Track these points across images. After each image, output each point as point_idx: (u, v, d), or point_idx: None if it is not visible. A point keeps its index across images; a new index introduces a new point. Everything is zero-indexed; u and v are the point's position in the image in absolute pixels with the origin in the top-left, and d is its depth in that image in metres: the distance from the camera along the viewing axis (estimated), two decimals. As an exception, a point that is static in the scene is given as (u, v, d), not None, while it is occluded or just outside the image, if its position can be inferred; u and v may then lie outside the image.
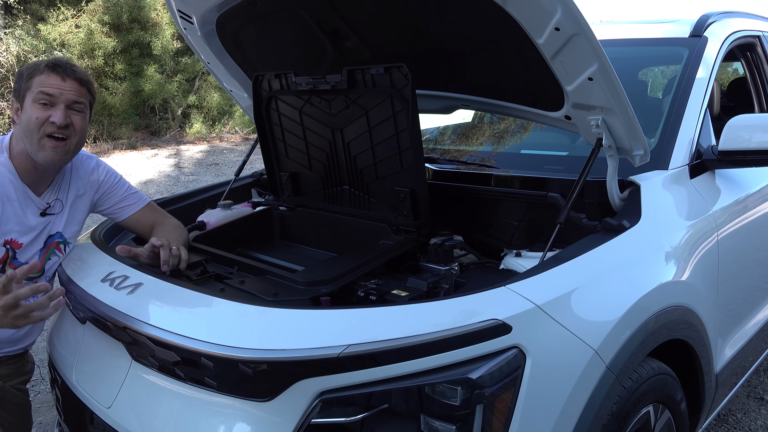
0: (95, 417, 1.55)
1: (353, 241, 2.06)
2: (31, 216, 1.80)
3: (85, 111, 1.82)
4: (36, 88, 1.73)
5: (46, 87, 1.72)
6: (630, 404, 1.46)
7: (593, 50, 1.49)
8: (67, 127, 1.74)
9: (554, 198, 1.89)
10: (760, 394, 2.92)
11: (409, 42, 1.94)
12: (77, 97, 1.77)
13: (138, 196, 2.07)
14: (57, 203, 1.88)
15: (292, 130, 2.21)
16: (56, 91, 1.73)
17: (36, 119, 1.71)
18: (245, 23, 2.18)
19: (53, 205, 1.86)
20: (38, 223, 1.82)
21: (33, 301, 1.49)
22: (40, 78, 1.73)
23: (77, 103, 1.77)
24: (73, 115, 1.76)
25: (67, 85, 1.75)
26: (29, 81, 1.74)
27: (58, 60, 1.77)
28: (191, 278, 1.72)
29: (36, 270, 1.85)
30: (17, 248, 1.78)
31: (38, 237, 1.83)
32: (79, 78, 1.78)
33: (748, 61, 2.81)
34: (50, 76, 1.74)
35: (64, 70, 1.75)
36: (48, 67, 1.74)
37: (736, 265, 2.05)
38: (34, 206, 1.80)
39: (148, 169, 9.26)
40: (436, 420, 1.21)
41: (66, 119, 1.73)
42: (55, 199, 1.87)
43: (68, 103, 1.75)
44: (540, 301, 1.31)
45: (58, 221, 1.88)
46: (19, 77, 1.78)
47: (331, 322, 1.30)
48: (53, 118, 1.72)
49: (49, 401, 2.92)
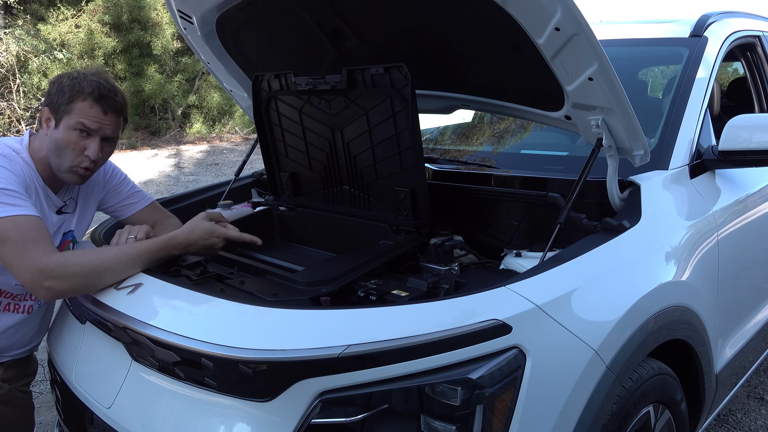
0: (95, 417, 1.55)
1: (353, 241, 2.06)
2: (51, 214, 1.82)
3: (117, 140, 1.83)
4: (76, 116, 1.69)
5: (87, 119, 1.70)
6: (630, 404, 1.46)
7: (593, 50, 1.49)
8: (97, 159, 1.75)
9: (554, 198, 1.88)
10: (760, 394, 2.91)
11: (409, 42, 1.94)
12: (113, 132, 1.77)
13: (141, 194, 2.08)
14: (71, 202, 1.89)
15: (291, 130, 2.21)
16: (96, 125, 1.71)
17: (72, 149, 1.71)
18: (245, 23, 2.18)
19: (68, 204, 1.88)
20: (56, 220, 1.83)
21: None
22: (82, 106, 1.70)
23: (111, 137, 1.78)
24: (104, 147, 1.77)
25: (107, 119, 1.73)
26: (70, 104, 1.70)
27: (102, 88, 1.71)
28: (191, 278, 1.72)
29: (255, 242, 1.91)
30: None
31: (56, 234, 1.84)
32: (118, 109, 1.76)
33: (748, 61, 2.81)
34: (93, 107, 1.70)
35: (107, 102, 1.72)
36: (92, 96, 1.70)
37: (736, 265, 2.05)
38: (52, 204, 1.82)
39: (148, 169, 9.26)
40: (436, 420, 1.20)
41: (99, 153, 1.74)
42: (69, 198, 1.88)
43: (104, 137, 1.75)
44: (540, 301, 1.31)
45: (71, 220, 1.90)
46: (58, 91, 1.72)
47: (331, 322, 1.30)
48: (88, 152, 1.71)
49: (49, 401, 2.92)
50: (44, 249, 1.55)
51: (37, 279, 1.53)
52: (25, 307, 1.82)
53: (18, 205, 1.59)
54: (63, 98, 1.71)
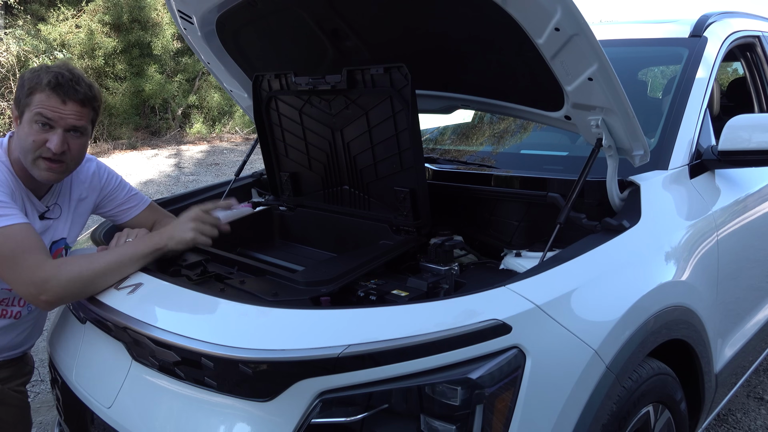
0: (95, 417, 1.56)
1: (353, 241, 2.06)
2: (34, 219, 1.77)
3: (86, 132, 1.72)
4: (34, 108, 1.61)
5: (45, 109, 1.61)
6: (630, 404, 1.46)
7: (593, 50, 1.49)
8: (64, 153, 1.65)
9: (554, 198, 1.89)
10: (760, 394, 2.92)
11: (409, 42, 1.94)
12: (77, 121, 1.66)
13: (139, 197, 2.06)
14: (56, 208, 1.84)
15: (292, 130, 2.21)
16: (55, 115, 1.62)
17: (32, 142, 1.62)
18: (245, 23, 2.18)
19: (52, 209, 1.82)
20: (39, 226, 1.79)
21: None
22: (40, 97, 1.61)
23: (77, 127, 1.67)
24: (71, 140, 1.66)
25: (67, 108, 1.63)
26: (29, 97, 1.62)
27: (60, 76, 1.62)
28: (191, 278, 1.72)
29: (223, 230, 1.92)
30: None
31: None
32: (81, 99, 1.65)
33: (747, 61, 2.81)
34: (50, 96, 1.61)
35: (65, 91, 1.62)
36: (49, 86, 1.61)
37: (736, 265, 2.05)
38: (35, 209, 1.78)
39: (149, 169, 9.26)
40: (436, 420, 1.21)
41: (62, 146, 1.63)
42: (54, 204, 1.83)
43: (67, 127, 1.65)
44: (540, 301, 1.31)
45: (60, 227, 1.85)
46: (20, 86, 1.66)
47: (331, 322, 1.30)
48: (49, 144, 1.62)
49: (49, 401, 2.92)
50: (36, 260, 1.52)
51: (33, 293, 1.51)
52: (13, 312, 1.79)
53: (6, 215, 1.54)
54: (23, 92, 1.64)
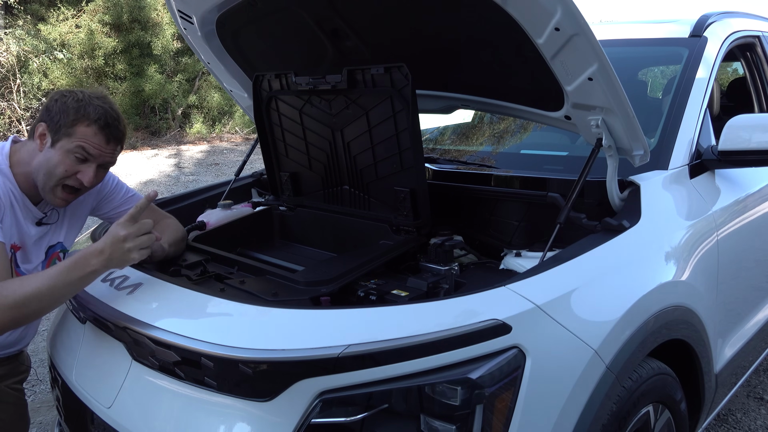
0: (95, 417, 1.56)
1: (353, 241, 2.06)
2: (29, 225, 1.78)
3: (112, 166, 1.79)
4: (77, 140, 1.65)
5: (89, 145, 1.66)
6: (630, 404, 1.46)
7: (593, 50, 1.49)
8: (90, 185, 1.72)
9: (554, 198, 1.89)
10: (760, 394, 2.92)
11: (409, 42, 1.94)
12: (112, 158, 1.74)
13: (136, 198, 2.05)
14: (53, 213, 1.85)
15: (292, 130, 2.21)
16: (96, 152, 1.68)
17: (65, 171, 1.66)
18: (245, 23, 2.19)
19: (49, 215, 1.83)
20: (36, 232, 1.80)
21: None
22: (86, 131, 1.65)
23: (109, 163, 1.75)
24: (99, 173, 1.73)
25: (109, 148, 1.70)
26: (73, 127, 1.65)
27: (108, 117, 1.67)
28: (191, 278, 1.72)
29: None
30: (16, 250, 1.76)
31: (36, 245, 1.81)
32: (120, 137, 1.73)
33: (748, 61, 2.81)
34: (97, 135, 1.66)
35: (112, 132, 1.68)
36: (98, 123, 1.65)
37: (736, 265, 2.05)
38: (31, 215, 1.78)
39: (149, 169, 9.26)
40: (436, 420, 1.21)
41: (93, 180, 1.70)
42: (51, 209, 1.84)
43: (102, 163, 1.72)
44: (540, 301, 1.31)
45: (57, 231, 1.86)
46: (62, 111, 1.65)
47: (331, 322, 1.30)
48: (82, 177, 1.67)
49: (49, 401, 2.92)
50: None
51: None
52: None
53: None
54: (66, 119, 1.65)
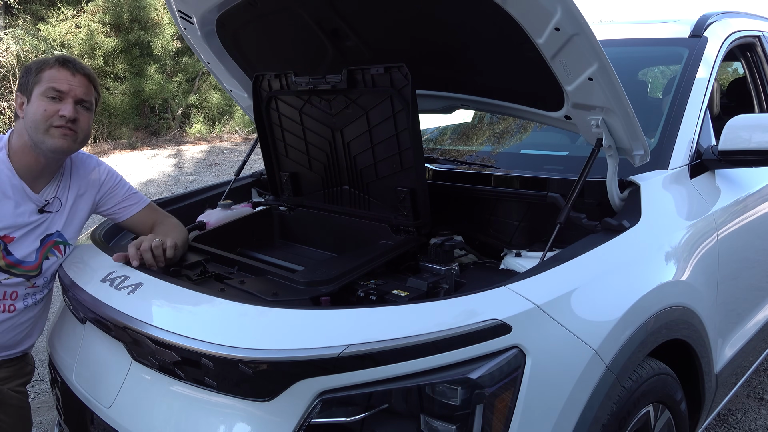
0: (95, 417, 1.56)
1: (353, 241, 2.06)
2: (27, 213, 1.79)
3: (92, 109, 1.85)
4: (46, 83, 1.74)
5: (57, 82, 1.74)
6: (630, 404, 1.46)
7: (593, 50, 1.49)
8: (75, 121, 1.76)
9: (554, 198, 1.89)
10: (760, 394, 2.92)
11: (409, 42, 1.94)
12: (85, 94, 1.80)
13: (138, 196, 2.06)
14: (56, 201, 1.86)
15: (292, 130, 2.21)
16: (66, 86, 1.75)
17: (44, 111, 1.73)
18: (245, 23, 2.18)
19: (52, 203, 1.85)
20: (35, 219, 1.81)
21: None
22: (50, 72, 1.75)
23: (85, 100, 1.80)
24: (80, 112, 1.79)
25: (76, 80, 1.77)
26: (38, 75, 1.75)
27: (66, 57, 1.80)
28: (191, 278, 1.72)
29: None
30: (9, 242, 1.77)
31: (32, 233, 1.81)
32: (87, 74, 1.81)
33: (748, 61, 2.81)
34: (60, 71, 1.76)
35: (74, 65, 1.79)
36: (58, 62, 1.77)
37: (736, 265, 2.05)
38: (31, 203, 1.80)
39: (149, 169, 9.26)
40: (436, 420, 1.21)
41: (75, 113, 1.76)
42: (54, 197, 1.86)
43: (77, 99, 1.77)
44: (540, 301, 1.31)
45: (57, 220, 1.87)
46: (26, 71, 1.79)
47: (331, 322, 1.30)
48: (62, 112, 1.74)
49: (49, 401, 2.92)
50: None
51: None
52: (6, 306, 1.80)
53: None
54: (31, 76, 1.77)
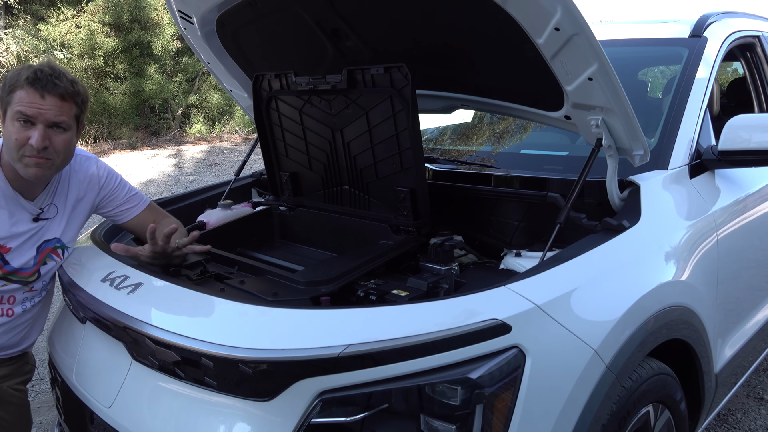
0: (95, 417, 1.56)
1: (353, 241, 2.06)
2: (22, 223, 1.75)
3: (70, 128, 1.68)
4: (15, 106, 1.60)
5: (24, 106, 1.59)
6: (630, 404, 1.46)
7: (593, 50, 1.49)
8: (46, 149, 1.62)
9: (554, 198, 1.89)
10: (760, 394, 2.92)
11: (409, 42, 1.94)
12: (57, 116, 1.63)
13: (139, 197, 2.04)
14: (51, 208, 1.81)
15: (292, 130, 2.21)
16: (34, 111, 1.59)
17: (15, 140, 1.60)
18: (245, 23, 2.19)
19: (46, 210, 1.80)
20: (30, 228, 1.77)
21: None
22: (20, 94, 1.60)
23: (57, 123, 1.64)
24: (54, 136, 1.64)
25: (46, 103, 1.60)
26: (9, 95, 1.61)
27: (40, 71, 1.60)
28: (191, 278, 1.72)
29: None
30: (5, 252, 1.74)
31: (29, 241, 1.77)
32: (60, 93, 1.62)
33: (747, 61, 2.81)
34: (29, 92, 1.59)
35: (44, 86, 1.59)
36: (27, 81, 1.59)
37: (736, 265, 2.05)
38: (26, 212, 1.75)
39: (149, 169, 9.26)
40: (436, 420, 1.21)
41: (44, 142, 1.60)
42: (50, 204, 1.81)
43: (48, 123, 1.62)
44: (540, 301, 1.31)
45: (54, 226, 1.83)
46: (2, 86, 1.64)
47: (331, 322, 1.30)
48: (31, 141, 1.59)
49: (49, 401, 2.92)
50: None
51: None
52: (4, 310, 1.79)
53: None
54: (4, 92, 1.63)
